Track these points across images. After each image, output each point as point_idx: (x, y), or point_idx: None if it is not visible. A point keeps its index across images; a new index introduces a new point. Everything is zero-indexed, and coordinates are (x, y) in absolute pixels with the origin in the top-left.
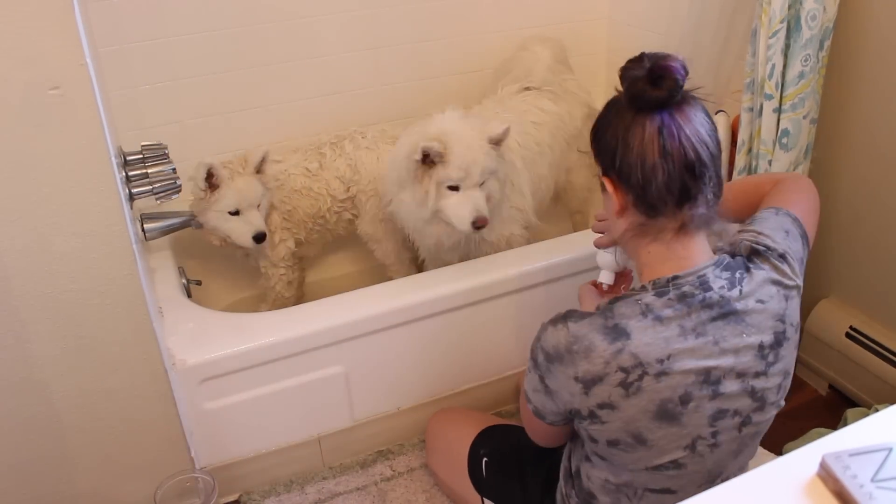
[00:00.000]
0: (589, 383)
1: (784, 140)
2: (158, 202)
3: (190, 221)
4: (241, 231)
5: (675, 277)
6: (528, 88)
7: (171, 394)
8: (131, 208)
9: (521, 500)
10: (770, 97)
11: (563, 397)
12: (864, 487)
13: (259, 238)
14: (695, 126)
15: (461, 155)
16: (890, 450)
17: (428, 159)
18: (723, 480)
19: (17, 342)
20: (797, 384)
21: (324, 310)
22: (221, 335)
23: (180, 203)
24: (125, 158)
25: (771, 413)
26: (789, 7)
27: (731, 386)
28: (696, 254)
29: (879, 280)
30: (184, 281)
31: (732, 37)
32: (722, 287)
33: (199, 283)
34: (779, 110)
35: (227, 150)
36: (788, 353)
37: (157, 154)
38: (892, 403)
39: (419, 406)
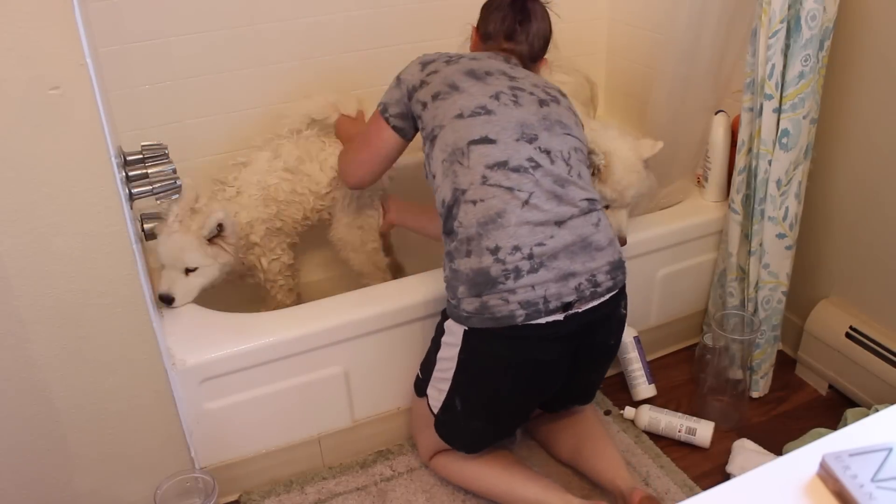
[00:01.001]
0: (425, 64)
1: (784, 140)
2: (158, 202)
3: None
4: (159, 281)
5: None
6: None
7: (171, 394)
8: (131, 208)
9: (433, 345)
10: (770, 97)
11: (407, 81)
12: (864, 487)
13: (163, 300)
14: (536, 5)
15: (620, 177)
16: (890, 450)
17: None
18: (546, 155)
19: (17, 342)
20: (797, 384)
21: (324, 310)
22: (221, 335)
23: None
24: (125, 158)
25: (571, 120)
26: (789, 7)
27: (525, 84)
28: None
29: (879, 280)
30: None
31: (732, 37)
32: (514, 63)
33: None
34: (779, 110)
35: (227, 150)
36: (562, 108)
37: (157, 154)
38: (892, 403)
39: None
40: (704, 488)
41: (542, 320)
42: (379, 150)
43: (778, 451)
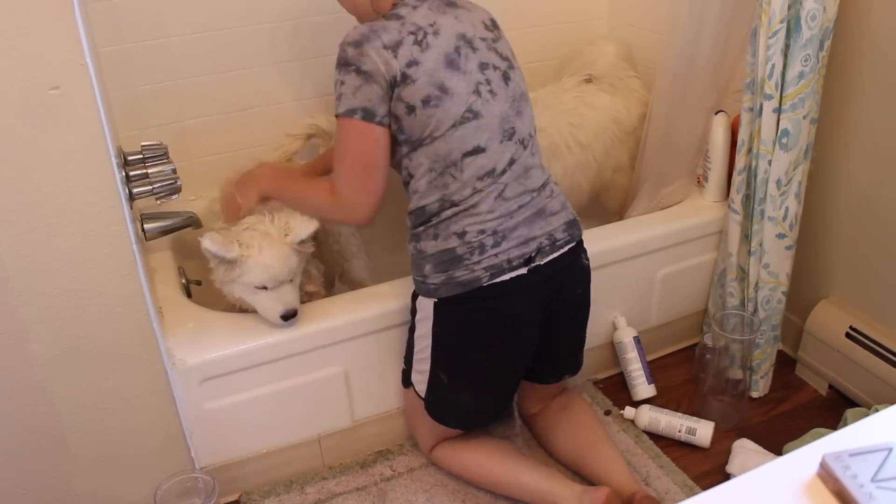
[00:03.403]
0: (394, 47)
1: (784, 140)
2: (158, 202)
3: (190, 221)
4: (269, 308)
5: None
6: (588, 80)
7: (171, 394)
8: (131, 208)
9: (409, 333)
10: (770, 97)
11: (380, 70)
12: (864, 487)
13: (287, 316)
14: None
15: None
16: (890, 450)
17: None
18: (521, 144)
19: (17, 342)
20: (797, 384)
21: (324, 310)
22: (221, 335)
23: (180, 203)
24: (125, 158)
25: (522, 83)
26: (789, 7)
27: (481, 45)
28: None
29: (879, 280)
30: (184, 281)
31: (732, 37)
32: None
33: (199, 283)
34: (779, 110)
35: (227, 150)
36: (506, 42)
37: (157, 154)
38: (892, 403)
39: None
40: (704, 488)
41: (506, 276)
42: (385, 158)
43: (778, 451)
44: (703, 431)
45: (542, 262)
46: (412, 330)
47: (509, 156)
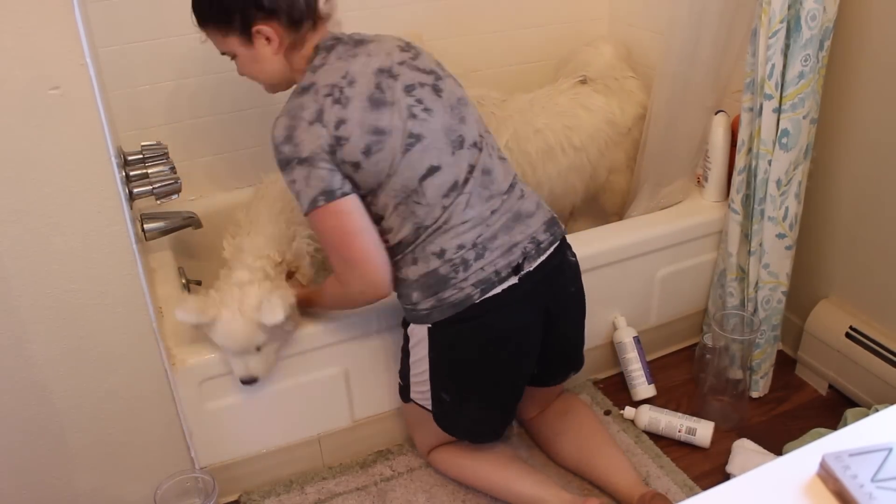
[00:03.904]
0: (317, 116)
1: (784, 140)
2: (158, 202)
3: (190, 221)
4: (232, 367)
5: (316, 47)
6: (583, 81)
7: (171, 394)
8: (131, 208)
9: (404, 352)
10: (770, 97)
11: (317, 149)
12: (864, 487)
13: (245, 382)
14: None
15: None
16: (890, 450)
17: None
18: (475, 148)
19: (17, 342)
20: (797, 384)
21: (323, 310)
22: None
23: (180, 203)
24: (125, 158)
25: (455, 89)
26: (789, 7)
27: (400, 69)
28: (325, 33)
29: (879, 280)
30: (184, 281)
31: (732, 37)
32: (349, 35)
33: (199, 283)
34: (778, 110)
35: (227, 150)
36: (426, 63)
37: (157, 154)
38: (892, 403)
39: None
40: (704, 488)
41: (498, 289)
42: (355, 223)
43: (778, 451)
44: (703, 431)
45: (531, 269)
46: (406, 355)
47: (466, 164)
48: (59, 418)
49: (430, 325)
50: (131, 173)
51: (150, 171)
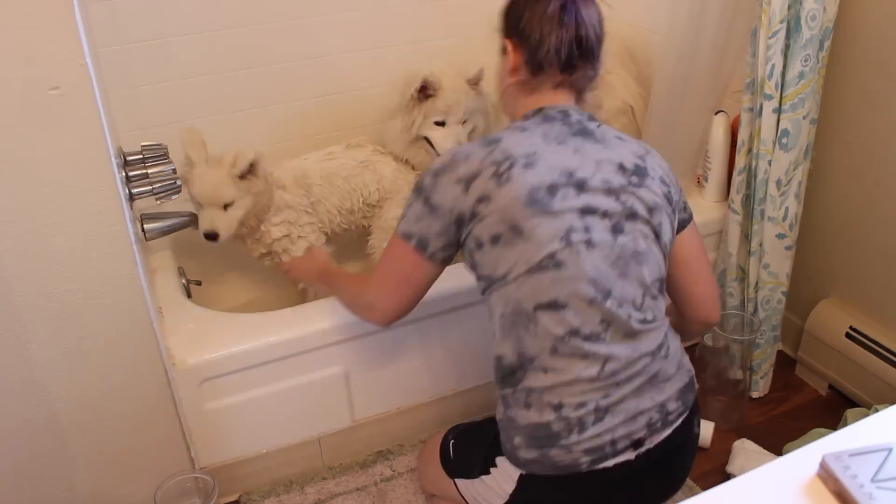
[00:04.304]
0: (468, 181)
1: (784, 140)
2: (158, 202)
3: (190, 221)
4: (200, 219)
5: (541, 109)
6: None
7: (171, 394)
8: (131, 208)
9: (480, 459)
10: (770, 97)
11: (446, 207)
12: (864, 487)
13: (207, 236)
14: (590, 11)
15: (447, 94)
16: (890, 450)
17: (422, 93)
18: (621, 310)
19: (17, 342)
20: (797, 384)
21: (324, 310)
22: (221, 335)
23: (180, 203)
24: (125, 158)
25: (648, 239)
26: (789, 7)
27: (595, 184)
28: (564, 101)
29: (879, 280)
30: (184, 281)
31: (732, 37)
32: (580, 119)
33: (199, 283)
34: (779, 110)
35: (227, 150)
36: (654, 193)
37: (157, 154)
38: (892, 403)
39: (419, 406)
40: (704, 488)
41: (610, 462)
42: (421, 284)
43: (778, 451)
44: (703, 431)
45: (651, 446)
46: (481, 467)
47: (599, 318)
48: (59, 418)
49: (523, 472)
50: (131, 173)
51: (150, 171)
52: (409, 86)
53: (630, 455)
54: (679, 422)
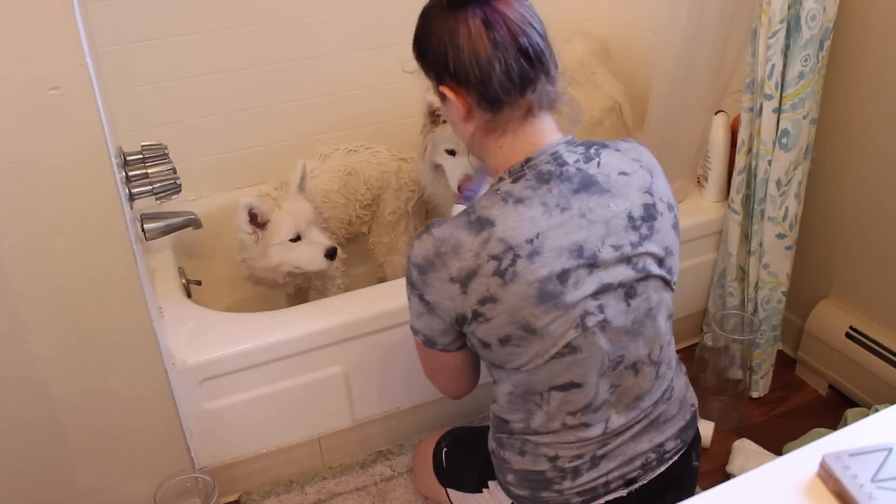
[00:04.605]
0: (465, 280)
1: (784, 140)
2: (158, 202)
3: (190, 222)
4: (309, 254)
5: (529, 160)
6: None
7: (171, 394)
8: (131, 208)
9: (473, 477)
10: (770, 97)
11: (444, 306)
12: (864, 487)
13: (331, 254)
14: (518, 11)
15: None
16: (890, 450)
17: (432, 118)
18: (632, 370)
19: (17, 342)
20: (797, 384)
21: (324, 310)
22: (221, 335)
23: (180, 203)
24: (125, 158)
25: (660, 289)
26: (789, 7)
27: (606, 257)
28: (547, 135)
29: (879, 280)
30: (184, 281)
31: (732, 37)
32: (577, 161)
33: (199, 283)
34: (778, 110)
35: (227, 150)
36: (665, 230)
37: (157, 154)
38: (892, 403)
39: (419, 406)
40: (704, 488)
41: (601, 501)
42: (458, 369)
43: (778, 451)
44: (702, 431)
45: (644, 482)
46: (474, 485)
47: (609, 384)
48: (59, 418)
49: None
50: (131, 173)
51: (150, 171)
52: (421, 113)
53: (622, 493)
54: (676, 458)
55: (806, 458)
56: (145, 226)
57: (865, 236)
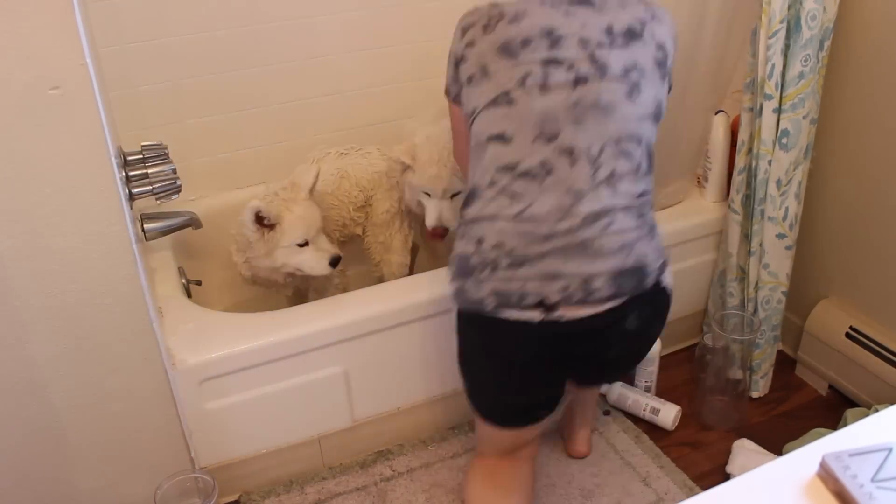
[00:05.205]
0: (464, 29)
1: (784, 140)
2: (158, 202)
3: (190, 222)
4: (315, 260)
5: None
6: None
7: (171, 394)
8: (131, 208)
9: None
10: (770, 97)
11: (453, 52)
12: (864, 487)
13: (335, 262)
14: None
15: (424, 168)
16: (890, 450)
17: (402, 166)
18: (567, 155)
19: (18, 342)
20: (797, 384)
21: (324, 310)
22: (221, 335)
23: (180, 203)
24: (125, 158)
25: (617, 95)
26: (789, 7)
27: (570, 44)
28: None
29: (879, 280)
30: (184, 281)
31: (732, 37)
32: None
33: (199, 283)
34: (779, 110)
35: (227, 150)
36: (642, 54)
37: (157, 154)
38: (892, 403)
39: (419, 406)
40: (704, 488)
41: (513, 316)
42: (458, 128)
43: (778, 451)
44: (665, 412)
45: (560, 319)
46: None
47: (539, 159)
48: (59, 418)
49: (458, 308)
50: (131, 173)
51: (150, 171)
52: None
53: (535, 315)
54: (605, 307)
55: (806, 458)
56: (145, 226)
57: (865, 236)
